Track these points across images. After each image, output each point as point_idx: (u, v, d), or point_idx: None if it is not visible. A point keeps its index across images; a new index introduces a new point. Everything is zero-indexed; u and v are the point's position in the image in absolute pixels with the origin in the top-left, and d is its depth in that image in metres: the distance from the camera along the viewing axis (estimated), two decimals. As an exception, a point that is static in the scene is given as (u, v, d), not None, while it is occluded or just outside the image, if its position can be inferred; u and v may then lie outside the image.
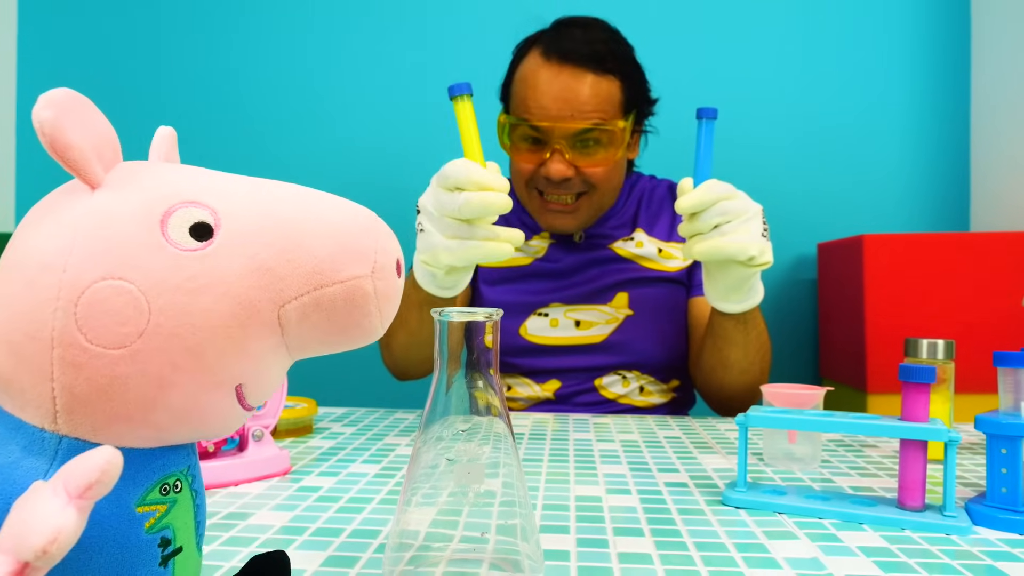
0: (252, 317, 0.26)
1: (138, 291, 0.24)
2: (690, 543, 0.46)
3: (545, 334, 1.05)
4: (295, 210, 0.27)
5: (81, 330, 0.24)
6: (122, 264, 0.24)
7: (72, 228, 0.25)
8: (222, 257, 0.25)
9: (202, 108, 1.61)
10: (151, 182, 0.26)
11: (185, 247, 0.25)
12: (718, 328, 0.92)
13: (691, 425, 0.87)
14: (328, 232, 0.27)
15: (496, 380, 0.41)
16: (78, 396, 0.24)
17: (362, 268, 0.27)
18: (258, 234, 0.26)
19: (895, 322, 1.19)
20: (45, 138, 0.24)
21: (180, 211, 0.25)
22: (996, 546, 0.46)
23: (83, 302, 0.24)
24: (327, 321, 0.27)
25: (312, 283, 0.26)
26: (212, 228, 0.26)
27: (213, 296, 0.25)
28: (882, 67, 1.49)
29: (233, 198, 0.27)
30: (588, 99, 0.95)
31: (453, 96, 0.77)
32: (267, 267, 0.26)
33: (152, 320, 0.24)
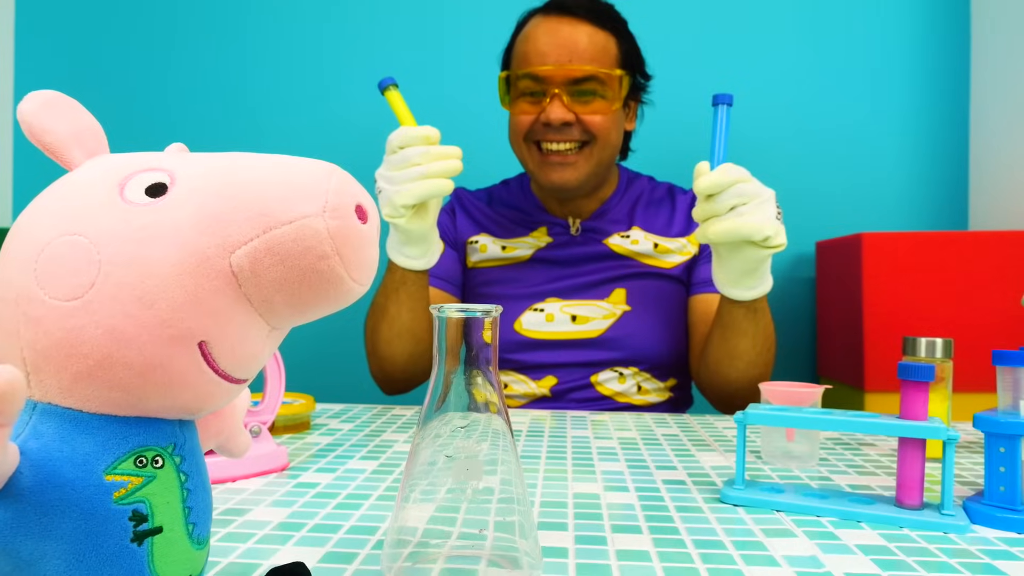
0: (201, 264, 0.25)
1: (90, 243, 0.25)
2: (688, 541, 0.46)
3: (541, 329, 1.06)
4: (248, 163, 0.27)
5: (40, 284, 0.25)
6: (77, 220, 0.25)
7: (42, 199, 0.27)
8: (172, 208, 0.26)
9: (201, 106, 1.61)
10: (122, 160, 0.28)
11: (138, 203, 0.26)
12: (727, 318, 0.92)
13: (689, 423, 0.87)
14: (276, 175, 0.27)
15: (495, 377, 0.41)
16: (41, 352, 0.25)
17: (311, 206, 0.26)
18: (208, 185, 0.26)
19: (893, 321, 1.19)
20: (25, 125, 0.26)
21: (139, 175, 0.27)
22: (994, 545, 0.46)
23: (42, 258, 0.25)
24: (282, 266, 0.26)
25: (260, 226, 0.26)
26: (167, 187, 0.26)
27: (162, 245, 0.25)
28: (881, 66, 1.49)
29: (193, 163, 0.27)
30: (586, 47, 1.00)
31: (383, 89, 0.91)
32: (215, 214, 0.26)
33: (103, 269, 0.25)
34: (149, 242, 0.25)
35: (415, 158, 0.84)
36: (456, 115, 1.55)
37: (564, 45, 1.00)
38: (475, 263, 1.12)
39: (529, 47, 1.02)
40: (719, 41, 1.51)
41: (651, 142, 1.43)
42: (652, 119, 1.39)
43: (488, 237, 1.12)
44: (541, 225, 1.11)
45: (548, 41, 1.01)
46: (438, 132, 0.86)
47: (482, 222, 1.14)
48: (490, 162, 1.48)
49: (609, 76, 1.01)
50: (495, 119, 1.48)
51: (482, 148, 1.51)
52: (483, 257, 1.11)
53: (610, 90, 1.01)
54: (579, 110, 1.00)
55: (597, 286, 1.07)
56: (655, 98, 1.19)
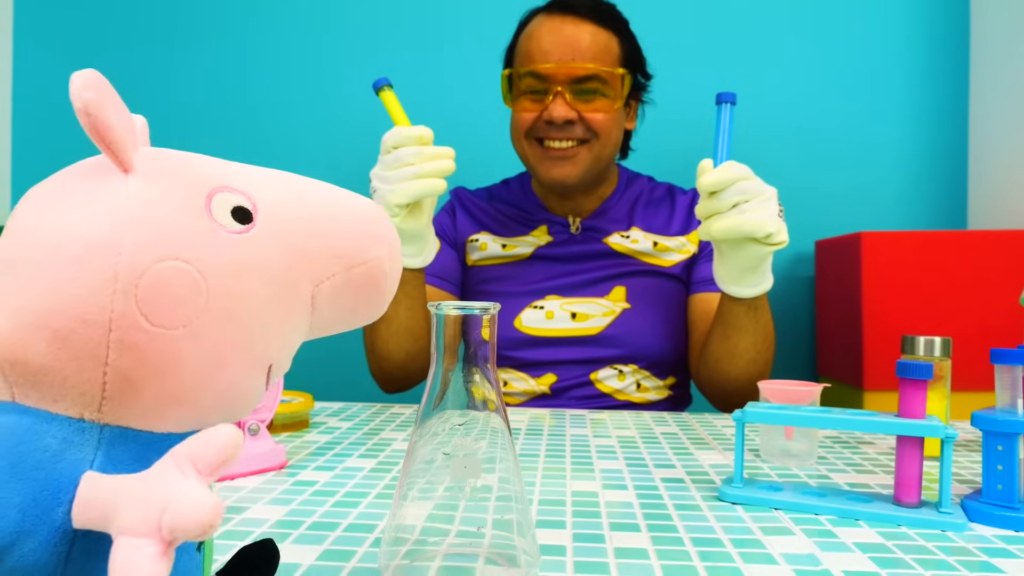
0: (293, 298, 0.28)
1: (196, 271, 0.25)
2: (686, 539, 0.46)
3: (541, 326, 1.06)
4: (321, 198, 0.30)
5: (142, 311, 0.24)
6: (178, 245, 0.25)
7: (119, 212, 0.25)
8: (263, 240, 0.27)
9: (200, 105, 1.60)
10: (182, 169, 0.27)
11: (231, 229, 0.26)
12: (728, 315, 0.92)
13: (688, 422, 0.87)
14: (352, 218, 0.30)
15: (493, 374, 0.40)
16: (132, 379, 0.24)
17: (382, 250, 0.30)
18: (292, 220, 0.28)
19: (892, 319, 1.19)
20: (88, 119, 0.24)
21: (219, 195, 0.27)
22: (991, 543, 0.46)
23: (143, 283, 0.24)
24: (352, 299, 0.30)
25: (341, 264, 0.29)
26: (251, 212, 0.27)
27: (259, 278, 0.26)
28: (880, 65, 1.49)
29: (260, 185, 0.28)
30: (589, 46, 1.01)
31: (377, 89, 0.91)
32: (302, 250, 0.28)
33: (208, 300, 0.25)
34: (247, 275, 0.26)
35: (408, 158, 0.84)
36: (456, 115, 1.55)
37: (567, 44, 1.00)
38: (475, 261, 1.12)
39: (532, 45, 1.03)
40: (719, 41, 1.51)
41: (651, 141, 1.42)
42: (652, 119, 1.39)
43: (488, 235, 1.12)
44: (541, 224, 1.12)
45: (551, 39, 1.01)
46: (431, 132, 0.87)
47: (482, 220, 1.14)
48: (490, 161, 1.47)
49: (611, 75, 1.01)
50: (495, 119, 1.48)
51: (482, 148, 1.51)
52: (483, 255, 1.11)
53: (612, 89, 1.02)
54: (581, 108, 1.01)
55: (597, 284, 1.07)
56: (655, 97, 1.19)
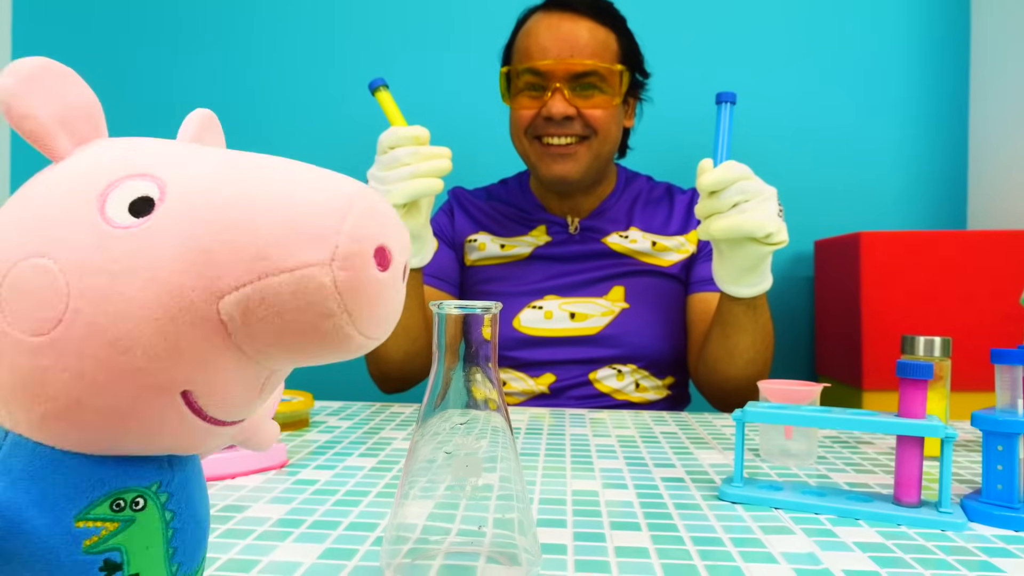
0: (184, 310, 0.21)
1: (59, 271, 0.21)
2: (687, 538, 0.46)
3: (539, 326, 1.06)
4: (252, 182, 0.22)
5: (3, 313, 0.21)
6: (49, 241, 0.22)
7: (16, 203, 0.23)
8: (155, 236, 0.22)
9: (198, 104, 1.60)
10: (113, 153, 0.23)
11: (118, 223, 0.22)
12: (727, 315, 0.92)
13: (688, 421, 0.87)
14: (281, 208, 0.22)
15: (494, 374, 0.41)
16: (7, 386, 0.22)
17: (317, 253, 0.21)
18: (200, 210, 0.22)
19: (891, 319, 1.19)
20: (3, 107, 0.22)
21: (125, 183, 0.22)
22: (991, 542, 0.46)
23: (7, 282, 0.21)
24: (279, 319, 0.22)
25: (255, 271, 0.21)
26: (154, 203, 0.22)
27: (140, 281, 0.21)
28: (880, 65, 1.49)
29: (191, 168, 0.23)
30: (587, 42, 1.01)
31: (373, 90, 0.91)
32: (204, 249, 0.21)
33: (71, 305, 0.21)
34: (125, 276, 0.21)
35: (405, 158, 0.84)
36: (453, 114, 1.55)
37: (565, 40, 1.01)
38: (474, 261, 1.12)
39: (530, 42, 1.03)
40: (717, 40, 1.51)
41: (650, 140, 1.43)
42: (651, 117, 1.39)
43: (487, 235, 1.12)
44: (540, 224, 1.12)
45: (549, 36, 1.01)
46: (427, 132, 0.87)
47: (481, 220, 1.14)
48: (488, 161, 1.48)
49: (610, 71, 1.01)
50: (493, 118, 1.48)
51: (480, 147, 1.51)
52: (482, 255, 1.11)
53: (611, 85, 1.02)
54: (580, 104, 1.01)
55: (595, 283, 1.07)
56: (654, 96, 1.19)
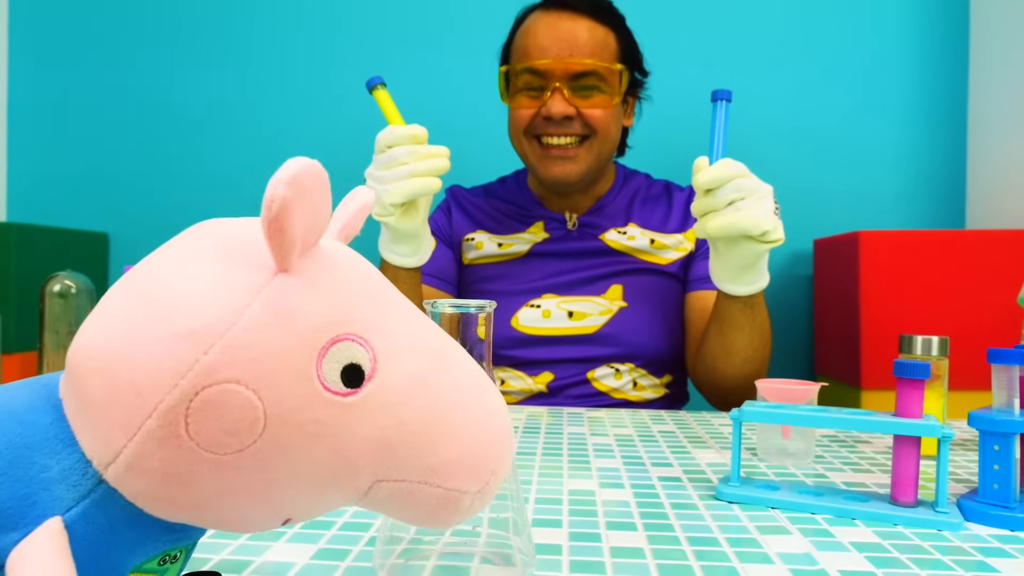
0: (348, 484, 0.24)
1: (262, 412, 0.22)
2: (683, 537, 0.46)
3: (537, 325, 1.06)
4: (445, 402, 0.25)
5: (186, 419, 0.22)
6: (264, 377, 0.22)
7: (237, 313, 0.22)
8: (358, 414, 0.23)
9: (196, 103, 1.60)
10: (333, 294, 0.24)
11: (331, 388, 0.23)
12: (724, 313, 0.92)
13: (685, 420, 0.87)
14: (462, 438, 0.25)
15: (489, 373, 0.40)
16: (142, 467, 0.22)
17: (472, 486, 0.25)
18: (401, 406, 0.24)
19: (890, 318, 1.19)
20: (270, 214, 0.22)
21: (344, 344, 0.23)
22: (987, 542, 0.46)
23: (204, 394, 0.22)
24: (410, 509, 0.25)
25: (419, 477, 0.24)
26: (364, 377, 0.24)
27: (329, 450, 0.23)
28: (880, 64, 1.49)
29: (396, 345, 0.25)
30: (586, 41, 1.01)
31: (370, 88, 0.91)
32: (391, 445, 0.24)
33: (257, 444, 0.22)
34: (317, 440, 0.23)
35: (402, 157, 0.84)
36: (451, 113, 1.54)
37: (564, 39, 1.00)
38: (471, 260, 1.12)
39: (529, 41, 1.03)
40: (716, 39, 1.51)
41: (648, 139, 1.42)
42: (649, 116, 1.39)
43: (484, 234, 1.12)
44: (538, 220, 1.11)
45: (548, 35, 1.01)
46: (425, 131, 0.86)
47: (478, 219, 1.14)
48: (486, 160, 1.47)
49: (609, 71, 1.01)
50: (491, 117, 1.48)
51: (478, 146, 1.51)
52: (480, 254, 1.11)
53: (610, 85, 1.02)
54: (579, 104, 1.01)
55: (593, 282, 1.07)
56: (653, 95, 1.19)
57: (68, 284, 0.68)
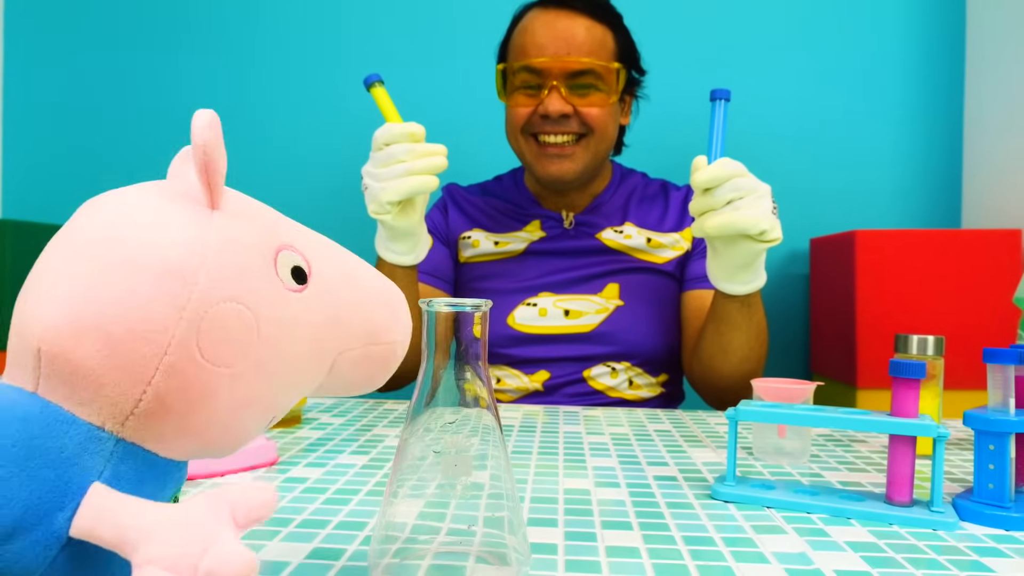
0: (320, 360, 0.29)
1: (254, 318, 0.26)
2: (678, 537, 0.46)
3: (534, 323, 1.05)
4: (362, 275, 0.32)
5: (199, 343, 0.24)
6: (246, 290, 0.26)
7: (203, 244, 0.25)
8: (311, 302, 0.28)
9: (189, 99, 1.60)
10: (258, 218, 0.29)
11: (289, 286, 0.28)
12: (721, 312, 0.92)
13: (681, 419, 0.87)
14: (383, 300, 0.33)
15: (485, 372, 0.40)
16: (167, 404, 0.25)
17: (401, 335, 0.34)
18: (337, 289, 0.30)
19: (886, 318, 1.19)
20: (204, 156, 0.25)
21: (285, 252, 0.28)
22: (982, 542, 0.46)
23: (208, 317, 0.25)
24: (362, 372, 0.32)
25: (367, 340, 0.31)
26: (306, 274, 0.29)
27: (301, 337, 0.28)
28: (876, 64, 1.49)
29: (315, 250, 0.30)
30: (584, 40, 1.01)
31: (368, 85, 0.90)
32: (340, 319, 0.30)
33: (256, 348, 0.26)
34: (293, 333, 0.28)
35: (400, 155, 0.84)
36: (449, 111, 1.54)
37: (562, 38, 1.00)
38: (468, 258, 1.12)
39: (527, 39, 1.02)
40: (713, 38, 1.51)
41: (645, 138, 1.42)
42: (646, 115, 1.39)
43: (481, 232, 1.12)
44: (534, 219, 1.11)
45: (546, 34, 1.01)
46: (423, 129, 0.86)
47: (475, 217, 1.14)
48: (483, 158, 1.47)
49: (607, 69, 1.01)
50: (488, 115, 1.48)
51: (475, 145, 1.51)
52: (476, 252, 1.11)
53: (607, 83, 1.02)
54: (577, 102, 1.01)
55: (590, 280, 1.07)
56: (649, 94, 1.19)
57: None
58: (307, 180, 1.56)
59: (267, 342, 0.26)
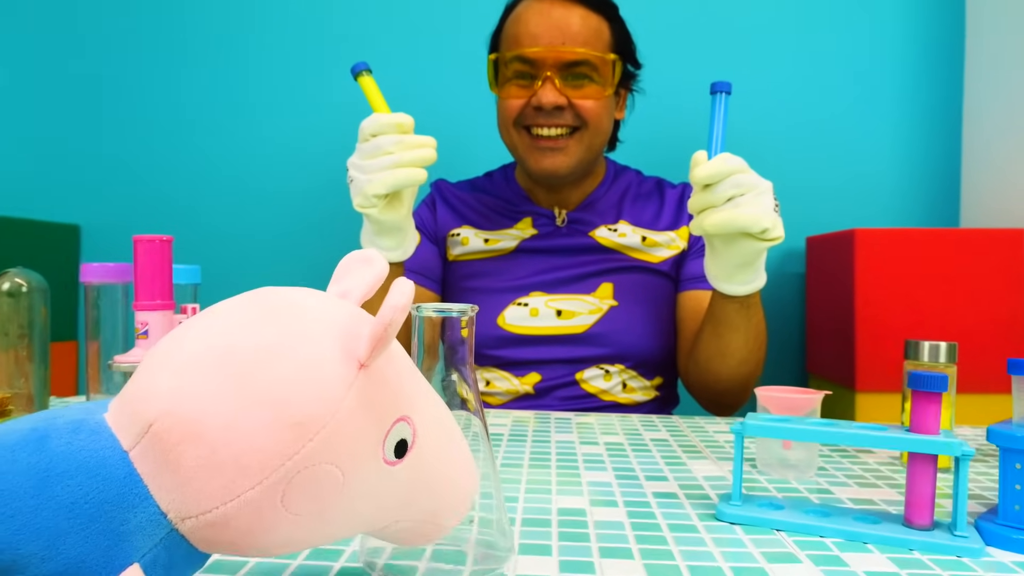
0: (375, 523, 0.30)
1: (343, 483, 0.26)
2: (683, 566, 0.42)
3: (525, 323, 1.01)
4: (449, 451, 0.32)
5: (284, 492, 0.25)
6: (349, 458, 0.26)
7: (337, 407, 0.26)
8: (399, 477, 0.29)
9: (178, 95, 1.54)
10: (392, 384, 0.29)
11: (387, 460, 0.28)
12: (720, 313, 0.88)
13: (678, 426, 0.83)
14: (457, 486, 0.32)
15: (471, 375, 0.41)
16: (229, 525, 0.25)
17: (457, 521, 0.33)
18: (424, 470, 0.30)
19: (886, 319, 1.16)
20: (387, 331, 0.26)
21: (400, 424, 0.28)
22: (1012, 571, 0.42)
23: (305, 472, 0.25)
24: (404, 538, 0.32)
25: (423, 518, 0.31)
26: (407, 448, 0.29)
27: (372, 505, 0.28)
28: (875, 61, 1.46)
29: (423, 420, 0.30)
30: (579, 30, 0.97)
31: (355, 74, 0.86)
32: (413, 499, 0.30)
33: (332, 505, 0.27)
34: (369, 499, 0.28)
35: (387, 146, 0.80)
36: (440, 102, 1.50)
37: (557, 27, 0.96)
38: (456, 256, 1.08)
39: (520, 29, 0.98)
40: (710, 33, 1.47)
41: (639, 133, 1.38)
42: (641, 110, 1.35)
43: (471, 229, 1.08)
44: (526, 216, 1.07)
45: (540, 23, 0.97)
46: (411, 120, 0.82)
47: (464, 214, 1.10)
48: (474, 152, 1.43)
49: (602, 60, 0.97)
50: (480, 106, 1.43)
51: (467, 137, 1.47)
52: (465, 250, 1.07)
53: (603, 75, 0.98)
54: (571, 94, 0.97)
55: (583, 280, 1.03)
56: (645, 88, 1.15)
57: (19, 282, 0.63)
58: (290, 170, 1.51)
59: (343, 503, 0.27)
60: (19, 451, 0.24)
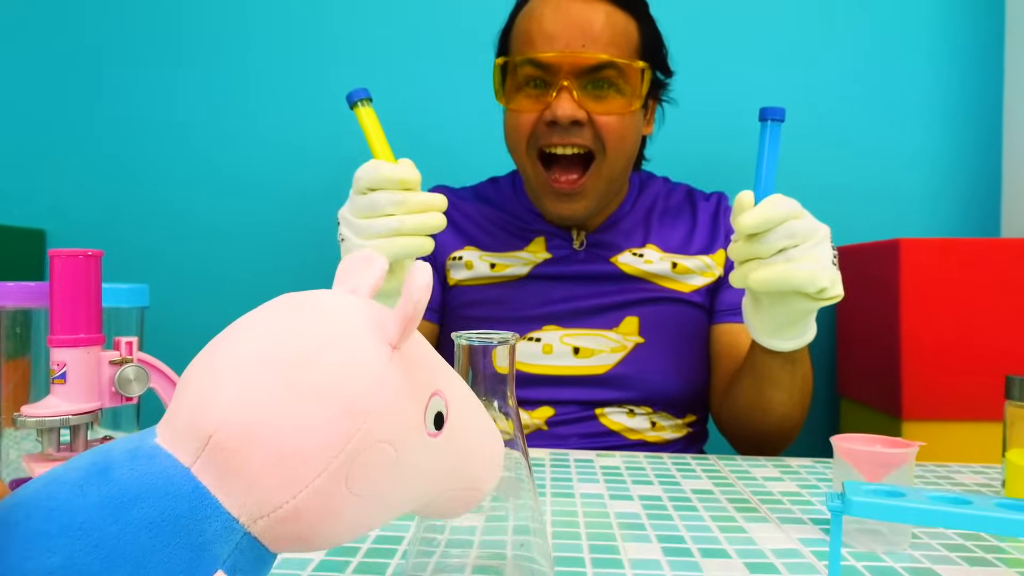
0: (426, 496, 0.31)
1: (399, 462, 0.28)
2: None
3: (536, 362, 0.88)
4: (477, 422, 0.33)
5: (349, 474, 0.26)
6: (400, 433, 0.28)
7: (382, 387, 0.27)
8: (441, 448, 0.30)
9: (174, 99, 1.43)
10: (424, 361, 0.31)
11: (431, 432, 0.30)
12: (761, 367, 0.77)
13: (719, 471, 0.71)
14: (490, 452, 0.34)
15: (509, 405, 0.40)
16: (300, 517, 0.26)
17: (494, 483, 0.34)
18: (460, 440, 0.31)
19: (935, 338, 1.05)
20: (414, 312, 0.28)
21: (435, 398, 0.30)
22: None
23: (364, 453, 0.26)
24: (449, 507, 0.33)
25: (465, 486, 0.33)
26: (443, 420, 0.30)
27: (423, 478, 0.30)
28: (908, 60, 1.35)
29: (452, 395, 0.31)
30: (602, 29, 0.82)
31: (352, 103, 0.72)
32: (456, 468, 0.32)
33: (389, 483, 0.28)
34: (420, 472, 0.29)
35: (387, 207, 0.66)
36: (440, 105, 1.38)
37: (576, 26, 0.82)
38: (458, 281, 0.93)
39: (533, 27, 0.84)
40: (740, 39, 1.36)
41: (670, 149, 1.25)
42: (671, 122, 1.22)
43: (475, 251, 0.93)
44: (538, 235, 0.93)
45: (557, 20, 0.82)
46: (418, 174, 0.68)
47: (468, 231, 0.95)
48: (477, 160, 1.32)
49: (630, 67, 0.83)
50: (485, 107, 1.31)
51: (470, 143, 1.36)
52: (468, 275, 0.92)
53: (630, 84, 0.83)
54: (591, 107, 0.82)
55: (604, 312, 0.89)
56: (675, 97, 1.00)
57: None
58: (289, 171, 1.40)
59: (398, 479, 0.28)
60: (87, 486, 0.25)
